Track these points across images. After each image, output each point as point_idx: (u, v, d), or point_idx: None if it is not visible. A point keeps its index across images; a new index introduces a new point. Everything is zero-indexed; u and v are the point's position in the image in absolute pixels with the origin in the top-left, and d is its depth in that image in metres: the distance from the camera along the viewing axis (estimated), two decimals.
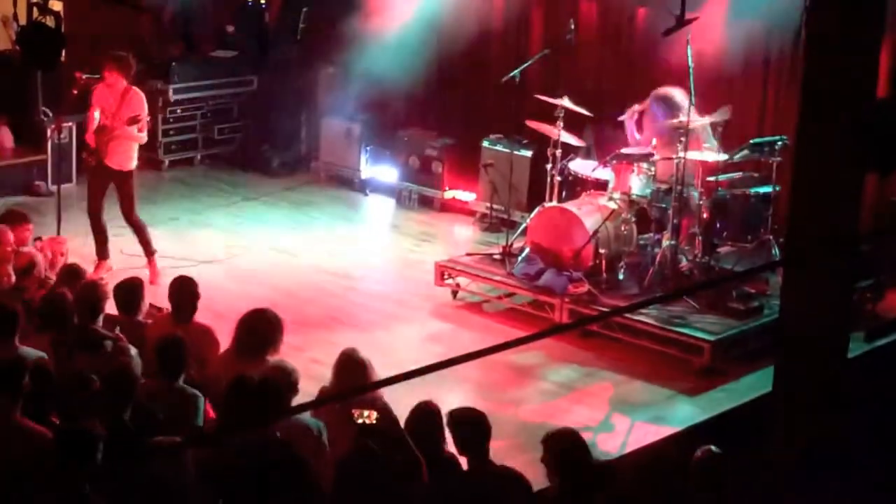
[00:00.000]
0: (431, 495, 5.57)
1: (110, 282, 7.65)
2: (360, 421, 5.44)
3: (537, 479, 5.82)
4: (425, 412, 5.88)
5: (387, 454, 5.41)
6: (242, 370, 6.10)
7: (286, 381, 5.99)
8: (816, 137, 4.71)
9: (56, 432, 5.41)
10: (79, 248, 9.65)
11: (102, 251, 9.65)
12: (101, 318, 6.93)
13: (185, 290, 7.18)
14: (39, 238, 8.81)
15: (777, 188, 9.16)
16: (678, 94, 9.33)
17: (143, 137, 9.57)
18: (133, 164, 9.57)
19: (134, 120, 9.31)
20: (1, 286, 7.64)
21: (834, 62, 4.68)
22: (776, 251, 9.09)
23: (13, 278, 7.76)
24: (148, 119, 9.55)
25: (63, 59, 11.49)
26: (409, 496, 5.49)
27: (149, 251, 9.69)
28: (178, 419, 6.01)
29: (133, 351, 6.29)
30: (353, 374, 6.21)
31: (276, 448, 5.52)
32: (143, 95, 9.55)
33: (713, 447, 5.66)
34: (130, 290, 7.24)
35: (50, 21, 6.89)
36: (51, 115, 11.47)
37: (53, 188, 10.66)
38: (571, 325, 8.80)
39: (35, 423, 5.66)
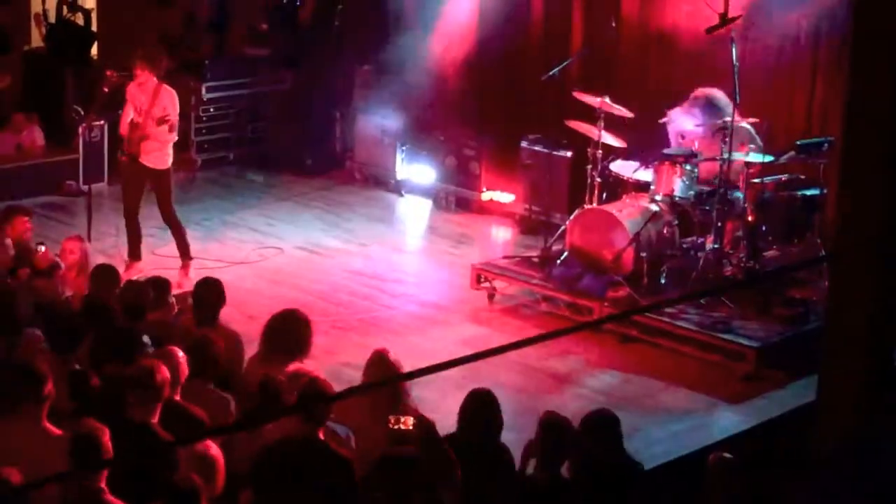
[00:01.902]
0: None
1: None
2: (396, 427, 5.47)
3: None
4: (483, 400, 5.91)
5: (423, 458, 5.45)
6: (269, 373, 6.16)
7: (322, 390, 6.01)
8: (864, 133, 4.70)
9: (71, 436, 5.53)
10: (109, 248, 9.76)
11: (135, 252, 9.70)
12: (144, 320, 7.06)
13: (209, 292, 7.25)
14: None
15: (824, 190, 9.11)
16: (719, 95, 9.31)
17: (174, 137, 9.63)
18: (169, 162, 9.63)
19: (162, 121, 9.37)
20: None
21: (880, 60, 4.67)
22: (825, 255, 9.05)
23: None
24: (175, 118, 9.57)
25: (95, 56, 11.70)
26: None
27: (185, 255, 9.74)
28: (210, 421, 6.08)
29: (180, 354, 6.34)
30: (383, 375, 6.25)
31: (318, 447, 5.57)
32: (174, 93, 9.61)
33: (726, 454, 5.67)
34: (157, 288, 7.34)
35: (79, 19, 6.95)
36: (82, 113, 11.59)
37: (84, 187, 10.76)
38: (589, 324, 8.79)
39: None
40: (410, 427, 5.48)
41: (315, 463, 5.52)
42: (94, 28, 11.95)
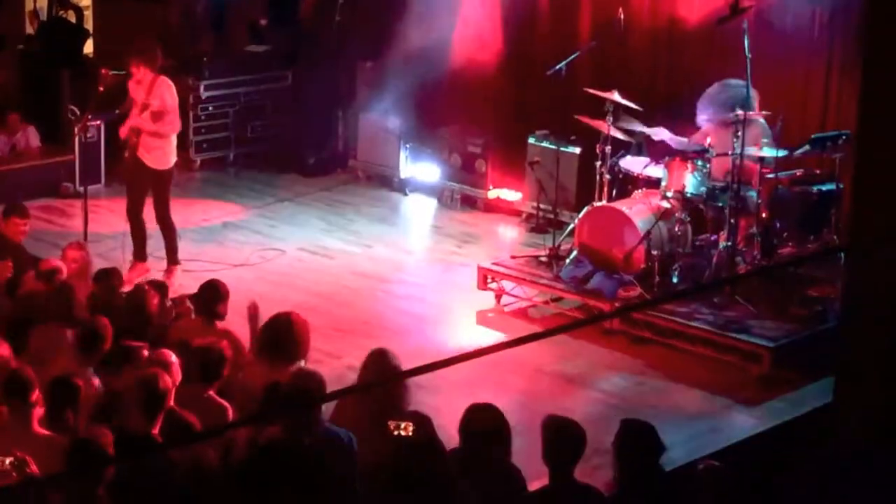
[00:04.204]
0: None
1: None
2: (396, 433, 5.47)
3: None
4: (487, 412, 5.89)
5: (424, 467, 5.44)
6: (269, 377, 6.17)
7: (314, 387, 6.02)
8: (879, 126, 4.69)
9: (70, 442, 5.56)
10: (107, 252, 9.76)
11: (141, 252, 9.70)
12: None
13: (213, 294, 7.27)
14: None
15: (840, 185, 9.08)
16: (732, 84, 9.28)
17: (165, 129, 9.45)
18: (170, 162, 9.61)
19: (144, 106, 9.36)
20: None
21: (894, 51, 4.66)
22: (841, 252, 9.02)
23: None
24: (171, 107, 9.53)
25: (91, 55, 11.70)
26: None
27: (172, 259, 9.71)
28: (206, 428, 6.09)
29: (173, 359, 6.37)
30: (380, 376, 6.25)
31: (307, 457, 5.58)
32: (171, 83, 9.60)
33: (715, 462, 5.66)
34: (156, 292, 7.40)
35: (71, 16, 6.96)
36: (78, 113, 11.60)
37: (81, 189, 10.78)
38: (585, 321, 8.79)
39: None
40: (411, 433, 5.48)
41: (295, 470, 5.51)
42: (86, 25, 11.97)
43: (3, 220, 8.65)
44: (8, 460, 5.24)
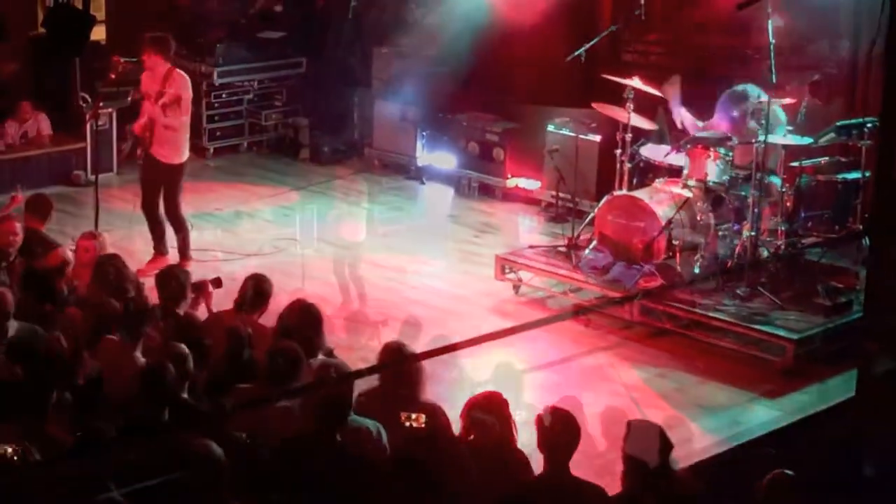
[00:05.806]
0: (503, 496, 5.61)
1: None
2: (407, 424, 5.47)
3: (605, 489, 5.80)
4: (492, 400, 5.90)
5: (435, 459, 5.43)
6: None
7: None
8: None
9: (74, 436, 5.58)
10: (118, 241, 9.76)
11: (161, 246, 9.77)
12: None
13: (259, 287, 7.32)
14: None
15: (866, 174, 9.02)
16: (740, 88, 9.26)
17: (178, 120, 9.47)
18: (182, 157, 9.65)
19: (159, 95, 9.37)
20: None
21: None
22: (867, 242, 8.97)
23: None
24: (186, 101, 9.60)
25: (104, 42, 11.73)
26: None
27: (184, 254, 9.67)
28: None
29: (186, 351, 6.40)
30: (397, 370, 6.24)
31: (333, 450, 5.58)
32: (185, 77, 9.63)
33: (786, 471, 5.59)
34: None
35: (79, 2, 6.97)
36: (90, 101, 11.62)
37: (93, 177, 10.80)
38: (589, 308, 8.78)
39: None
40: (422, 424, 5.47)
41: (328, 465, 5.51)
42: (99, 12, 11.99)
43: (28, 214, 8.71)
44: (10, 448, 5.23)
